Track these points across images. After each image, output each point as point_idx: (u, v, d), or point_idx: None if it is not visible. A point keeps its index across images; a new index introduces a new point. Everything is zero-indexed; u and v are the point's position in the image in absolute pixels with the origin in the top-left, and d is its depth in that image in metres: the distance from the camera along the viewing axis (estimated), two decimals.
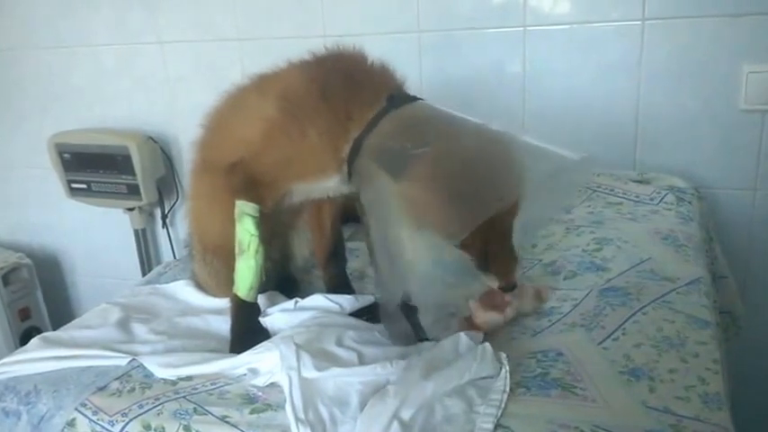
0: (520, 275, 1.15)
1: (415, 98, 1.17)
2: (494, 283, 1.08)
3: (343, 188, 1.18)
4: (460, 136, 1.07)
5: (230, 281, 1.23)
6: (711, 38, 1.74)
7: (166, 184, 2.41)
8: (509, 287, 1.09)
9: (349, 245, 1.54)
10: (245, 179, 1.19)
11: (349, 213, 1.38)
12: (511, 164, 1.02)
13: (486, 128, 1.08)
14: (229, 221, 1.20)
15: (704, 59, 1.76)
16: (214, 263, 1.33)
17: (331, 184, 1.19)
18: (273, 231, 1.29)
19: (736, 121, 1.77)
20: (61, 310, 2.69)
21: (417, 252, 1.00)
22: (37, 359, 1.19)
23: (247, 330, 1.20)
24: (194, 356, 1.15)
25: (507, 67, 1.94)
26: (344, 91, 1.14)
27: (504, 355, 1.04)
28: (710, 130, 1.80)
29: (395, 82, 1.21)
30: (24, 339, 2.05)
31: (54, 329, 1.34)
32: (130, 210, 2.42)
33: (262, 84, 1.25)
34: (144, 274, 2.38)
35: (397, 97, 1.15)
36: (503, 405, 0.95)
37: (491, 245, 1.05)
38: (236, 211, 1.19)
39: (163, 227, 2.50)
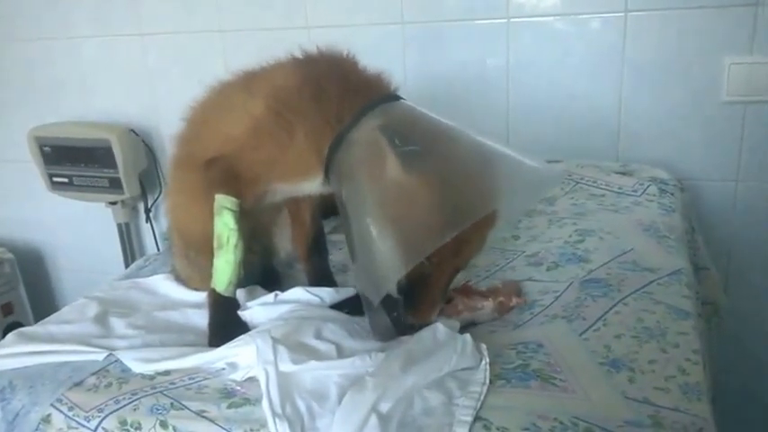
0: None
1: (401, 98, 1.17)
2: (408, 317, 1.09)
3: (324, 189, 1.17)
4: (447, 142, 1.07)
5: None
6: (693, 30, 1.74)
7: (149, 178, 2.40)
8: (420, 327, 1.09)
9: (332, 237, 1.54)
10: (224, 173, 1.18)
11: (329, 206, 1.37)
12: (487, 178, 1.02)
13: (464, 134, 1.08)
14: (211, 216, 1.19)
15: (686, 51, 1.76)
16: (198, 259, 1.31)
17: (313, 186, 1.18)
18: (255, 226, 1.28)
19: (718, 112, 1.77)
20: (45, 305, 2.67)
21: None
22: (12, 354, 1.17)
23: (226, 325, 1.18)
24: (172, 351, 1.13)
25: (491, 59, 1.94)
26: (339, 94, 1.12)
27: (484, 347, 1.04)
28: (693, 122, 1.80)
29: (388, 86, 1.19)
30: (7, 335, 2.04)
31: None
32: (113, 204, 2.41)
33: (249, 81, 1.23)
34: None
35: (386, 97, 1.14)
36: (482, 397, 0.94)
37: (434, 274, 1.07)
38: (216, 205, 1.18)
39: (146, 221, 2.48)
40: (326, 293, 1.23)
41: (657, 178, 1.70)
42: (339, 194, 1.10)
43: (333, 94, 1.12)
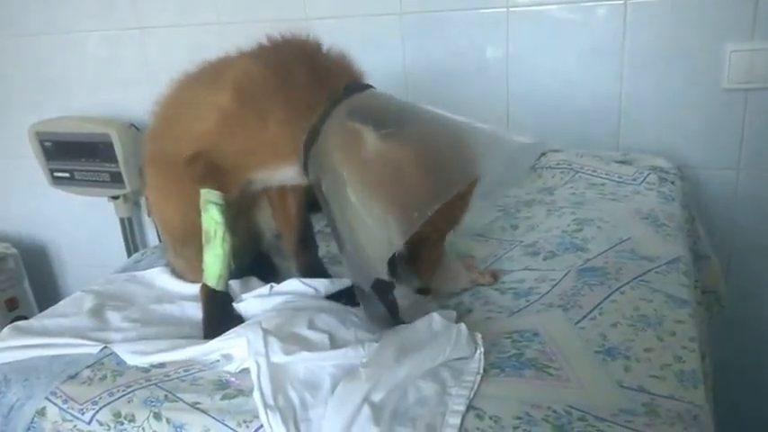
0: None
1: (370, 87, 1.18)
2: (413, 281, 1.11)
3: (303, 179, 1.17)
4: (421, 119, 1.08)
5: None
6: (694, 17, 1.72)
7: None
8: (425, 290, 1.12)
9: (329, 230, 1.53)
10: (206, 168, 1.18)
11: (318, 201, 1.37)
12: (468, 147, 1.03)
13: (439, 113, 1.10)
14: (191, 209, 1.19)
15: (687, 38, 1.74)
16: (185, 252, 1.32)
17: (292, 173, 1.17)
18: (237, 212, 1.27)
19: (718, 100, 1.75)
20: (50, 299, 2.64)
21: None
22: (8, 348, 1.17)
23: (220, 318, 1.18)
24: (167, 343, 1.13)
25: (491, 48, 1.92)
26: (305, 80, 1.13)
27: (479, 336, 1.03)
28: (693, 110, 1.78)
29: (353, 71, 1.19)
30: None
31: None
32: (115, 198, 2.41)
33: (213, 74, 1.24)
34: None
35: (354, 86, 1.15)
36: (476, 386, 0.94)
37: (427, 241, 1.09)
38: (201, 199, 1.18)
39: (149, 215, 2.48)
40: (321, 284, 1.23)
41: (657, 167, 1.69)
42: (319, 188, 1.10)
43: (300, 80, 1.13)
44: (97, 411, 1.01)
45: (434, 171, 0.98)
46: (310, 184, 1.16)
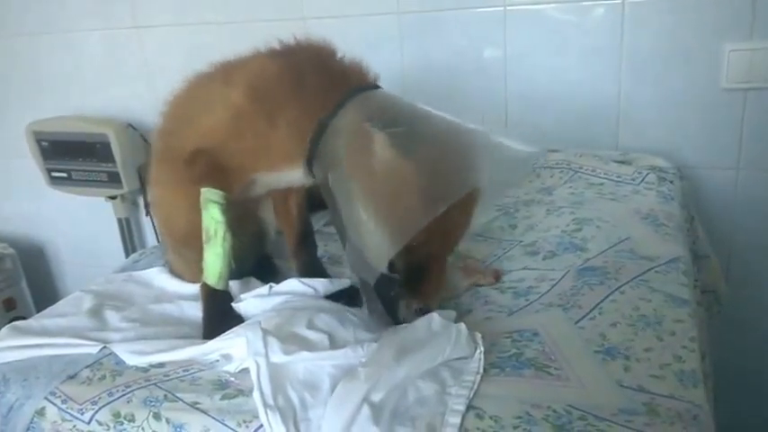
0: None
1: (379, 87, 1.19)
2: (411, 302, 1.11)
3: (308, 179, 1.17)
4: (427, 123, 1.09)
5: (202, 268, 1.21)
6: (692, 16, 1.71)
7: (148, 172, 2.39)
8: (425, 310, 1.10)
9: (327, 230, 1.54)
10: (209, 166, 1.18)
11: (317, 201, 1.37)
12: (470, 156, 1.05)
13: (444, 117, 1.10)
14: (195, 209, 1.18)
15: (685, 38, 1.73)
16: (185, 253, 1.31)
17: (297, 175, 1.17)
18: (241, 213, 1.27)
19: (717, 99, 1.74)
20: (47, 299, 2.63)
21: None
22: (7, 348, 1.17)
23: (219, 317, 1.18)
24: (166, 343, 1.13)
25: (488, 48, 1.92)
26: (319, 84, 1.13)
27: (479, 336, 1.03)
28: (693, 110, 1.78)
29: (367, 77, 1.20)
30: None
31: None
32: (113, 198, 2.40)
33: (227, 72, 1.23)
34: None
35: (365, 85, 1.16)
36: (475, 386, 0.94)
37: (431, 261, 1.09)
38: (202, 198, 1.17)
39: (146, 215, 2.48)
40: (321, 284, 1.22)
41: (656, 167, 1.69)
42: (325, 182, 1.09)
43: (313, 82, 1.13)
44: (96, 411, 1.01)
45: (435, 183, 0.99)
46: (316, 183, 1.16)
